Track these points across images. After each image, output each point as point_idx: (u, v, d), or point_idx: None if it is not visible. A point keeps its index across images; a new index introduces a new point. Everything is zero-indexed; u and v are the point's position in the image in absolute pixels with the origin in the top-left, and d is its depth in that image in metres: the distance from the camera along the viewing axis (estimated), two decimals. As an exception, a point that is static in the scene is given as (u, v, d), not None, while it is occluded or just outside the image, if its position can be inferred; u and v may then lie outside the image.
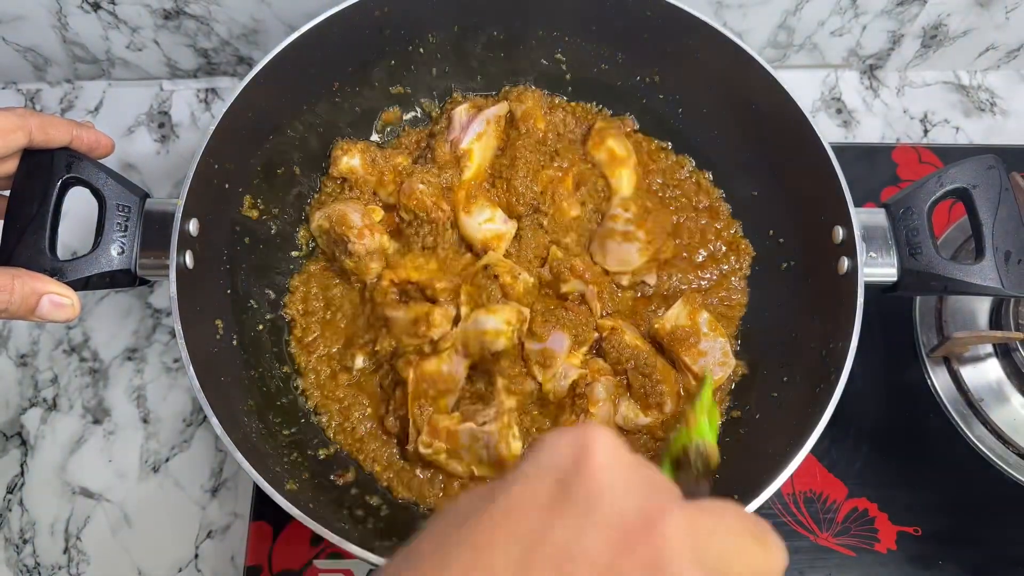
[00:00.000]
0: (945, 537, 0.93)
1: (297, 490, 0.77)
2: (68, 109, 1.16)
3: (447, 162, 0.94)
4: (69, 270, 0.74)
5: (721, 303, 0.95)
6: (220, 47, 1.11)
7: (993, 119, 1.20)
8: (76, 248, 1.02)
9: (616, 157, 0.97)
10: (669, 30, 0.93)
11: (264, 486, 0.71)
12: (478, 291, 0.87)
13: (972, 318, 0.95)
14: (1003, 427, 0.91)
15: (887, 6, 1.10)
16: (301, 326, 0.92)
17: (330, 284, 0.94)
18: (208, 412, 0.72)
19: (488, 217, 0.92)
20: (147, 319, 1.03)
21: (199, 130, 1.15)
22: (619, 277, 0.94)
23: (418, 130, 1.03)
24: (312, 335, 0.92)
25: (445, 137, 0.96)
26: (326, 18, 0.87)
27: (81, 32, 1.08)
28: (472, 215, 0.92)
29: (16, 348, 1.02)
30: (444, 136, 0.96)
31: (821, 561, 0.91)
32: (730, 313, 0.95)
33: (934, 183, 0.80)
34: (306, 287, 0.94)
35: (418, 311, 0.86)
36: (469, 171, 0.93)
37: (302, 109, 0.94)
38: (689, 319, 0.90)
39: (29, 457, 0.97)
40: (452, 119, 0.97)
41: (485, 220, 0.92)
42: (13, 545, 0.93)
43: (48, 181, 0.75)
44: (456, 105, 0.99)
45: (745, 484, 0.75)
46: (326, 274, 0.95)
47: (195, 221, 0.79)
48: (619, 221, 0.94)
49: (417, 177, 0.92)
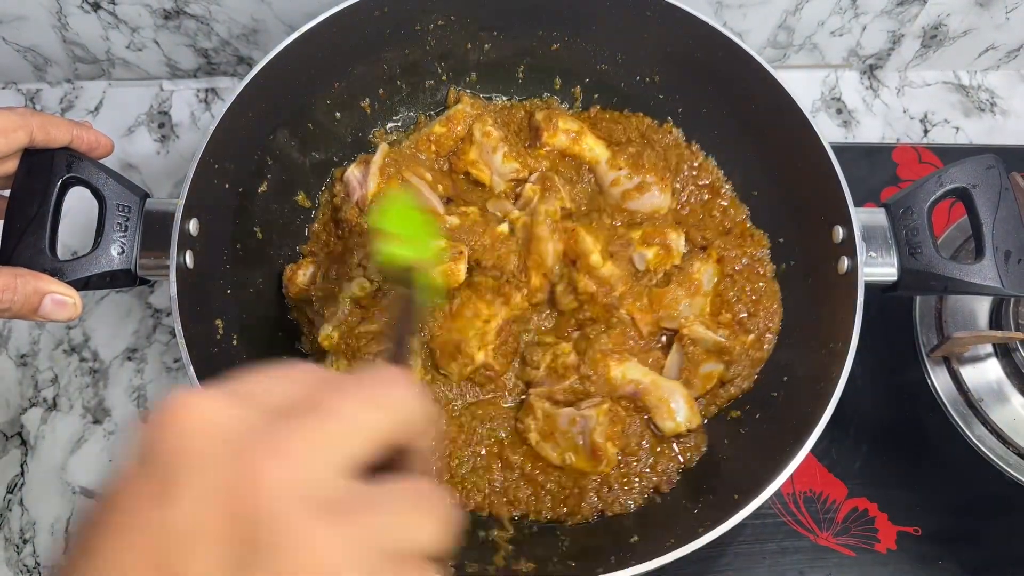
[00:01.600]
0: (945, 537, 0.93)
1: None
2: (68, 109, 1.16)
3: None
4: (69, 270, 0.74)
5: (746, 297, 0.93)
6: (220, 47, 1.11)
7: (993, 119, 1.20)
8: (76, 248, 1.02)
9: (572, 131, 0.97)
10: (668, 30, 0.93)
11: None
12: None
13: (972, 318, 0.95)
14: (1003, 427, 0.91)
15: (887, 6, 1.10)
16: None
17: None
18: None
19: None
20: (147, 319, 1.03)
21: (199, 130, 1.15)
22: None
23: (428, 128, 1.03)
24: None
25: (349, 203, 0.93)
26: (326, 18, 0.88)
27: (81, 32, 1.08)
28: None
29: (16, 348, 1.02)
30: (348, 203, 0.93)
31: (821, 561, 0.91)
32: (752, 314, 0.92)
33: (934, 183, 0.80)
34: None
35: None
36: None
37: (303, 110, 0.94)
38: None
39: (29, 457, 0.97)
40: (347, 183, 0.94)
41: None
42: (13, 545, 0.93)
43: (48, 181, 0.75)
44: (360, 163, 0.95)
45: (746, 483, 0.75)
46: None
47: (195, 221, 0.79)
48: (621, 180, 0.94)
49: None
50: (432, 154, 0.97)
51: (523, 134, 1.01)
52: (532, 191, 0.92)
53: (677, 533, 0.73)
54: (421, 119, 1.03)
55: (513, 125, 1.01)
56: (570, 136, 0.97)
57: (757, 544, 0.91)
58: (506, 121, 1.01)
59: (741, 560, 0.90)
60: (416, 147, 0.97)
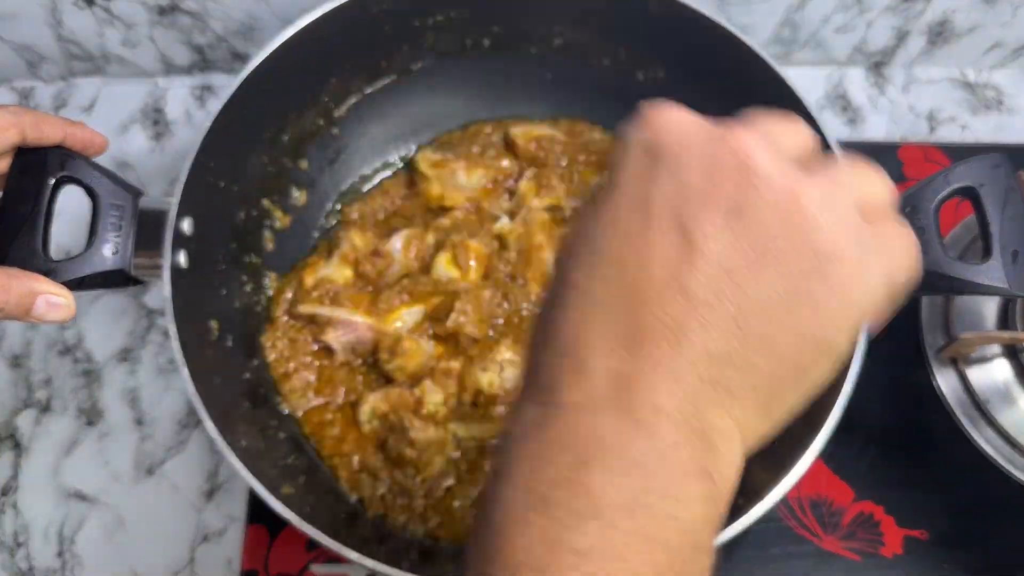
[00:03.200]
0: (952, 541, 0.92)
1: (293, 493, 0.76)
2: (62, 107, 1.15)
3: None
4: (63, 270, 0.72)
5: None
6: (215, 43, 1.10)
7: (1000, 117, 1.19)
8: (69, 248, 1.01)
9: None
10: (671, 25, 0.91)
11: (259, 489, 0.70)
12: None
13: (980, 319, 0.94)
14: (1011, 430, 0.90)
15: (892, 2, 1.09)
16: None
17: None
18: (202, 414, 0.71)
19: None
20: (141, 319, 1.02)
21: (194, 127, 1.14)
22: None
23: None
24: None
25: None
26: (323, 15, 0.86)
27: (76, 29, 1.07)
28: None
29: (9, 349, 1.01)
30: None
31: (826, 566, 0.90)
32: None
33: (941, 182, 0.78)
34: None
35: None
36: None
37: (299, 107, 0.93)
38: None
39: (22, 459, 0.96)
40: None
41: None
42: (7, 548, 0.92)
43: (41, 180, 0.74)
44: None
45: (751, 489, 0.74)
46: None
47: (189, 220, 0.78)
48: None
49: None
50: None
51: (490, 151, 0.99)
52: (527, 188, 0.90)
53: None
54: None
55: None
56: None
57: (761, 549, 0.90)
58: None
59: (744, 565, 0.89)
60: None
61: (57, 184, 0.75)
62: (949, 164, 0.83)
